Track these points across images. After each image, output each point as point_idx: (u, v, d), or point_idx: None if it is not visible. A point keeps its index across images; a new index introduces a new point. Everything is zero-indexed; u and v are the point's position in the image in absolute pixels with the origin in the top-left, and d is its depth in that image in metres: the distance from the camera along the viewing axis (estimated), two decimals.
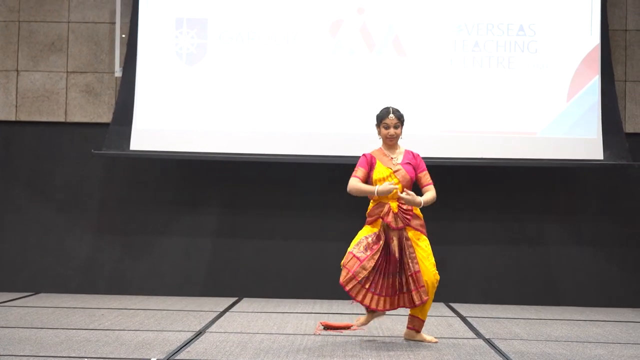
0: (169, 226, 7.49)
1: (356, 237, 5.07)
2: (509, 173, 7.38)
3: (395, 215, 4.99)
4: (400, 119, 5.14)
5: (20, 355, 4.35)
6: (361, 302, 4.95)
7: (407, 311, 5.15)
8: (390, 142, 5.17)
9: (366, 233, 5.05)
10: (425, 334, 5.14)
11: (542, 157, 6.99)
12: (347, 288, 4.91)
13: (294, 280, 7.43)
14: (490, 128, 7.03)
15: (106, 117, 7.46)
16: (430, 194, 5.10)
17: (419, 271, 4.94)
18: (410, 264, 4.94)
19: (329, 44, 7.12)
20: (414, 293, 4.93)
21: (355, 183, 5.09)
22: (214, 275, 7.47)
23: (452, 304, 7.11)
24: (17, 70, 7.56)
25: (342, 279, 4.93)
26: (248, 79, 7.11)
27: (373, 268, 4.90)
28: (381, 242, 4.95)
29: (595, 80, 7.01)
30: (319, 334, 5.31)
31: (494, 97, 7.05)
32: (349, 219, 7.34)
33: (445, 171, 7.32)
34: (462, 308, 6.86)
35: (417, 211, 5.10)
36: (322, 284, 7.35)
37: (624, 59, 7.45)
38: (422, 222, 5.11)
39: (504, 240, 7.43)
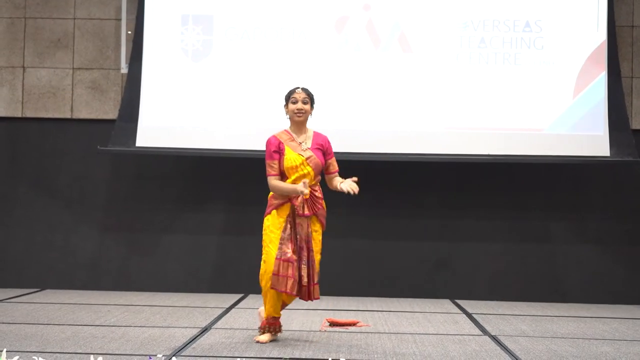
0: (174, 223, 7.50)
1: (266, 233, 4.77)
2: (515, 170, 7.36)
3: (305, 201, 4.75)
4: (309, 96, 4.86)
5: (27, 351, 4.36)
6: (285, 291, 4.68)
7: (413, 312, 5.14)
8: (299, 118, 4.83)
9: (276, 227, 4.74)
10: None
11: (548, 154, 6.97)
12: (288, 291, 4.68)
13: None
14: (496, 125, 7.02)
15: (112, 113, 7.46)
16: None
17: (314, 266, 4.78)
18: (312, 257, 4.76)
19: (334, 41, 7.11)
20: (313, 288, 4.75)
21: (276, 184, 4.74)
22: (220, 272, 7.47)
23: (458, 301, 7.10)
24: (23, 67, 7.57)
25: (288, 288, 4.65)
26: (254, 75, 7.10)
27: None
28: (288, 230, 4.73)
29: (602, 77, 6.99)
30: (325, 331, 5.31)
31: (500, 93, 7.03)
32: (353, 215, 7.40)
33: (450, 168, 7.33)
34: (468, 305, 6.85)
35: (323, 202, 4.87)
36: (327, 280, 7.34)
37: (630, 56, 7.42)
38: (325, 213, 4.87)
39: (510, 236, 7.42)
